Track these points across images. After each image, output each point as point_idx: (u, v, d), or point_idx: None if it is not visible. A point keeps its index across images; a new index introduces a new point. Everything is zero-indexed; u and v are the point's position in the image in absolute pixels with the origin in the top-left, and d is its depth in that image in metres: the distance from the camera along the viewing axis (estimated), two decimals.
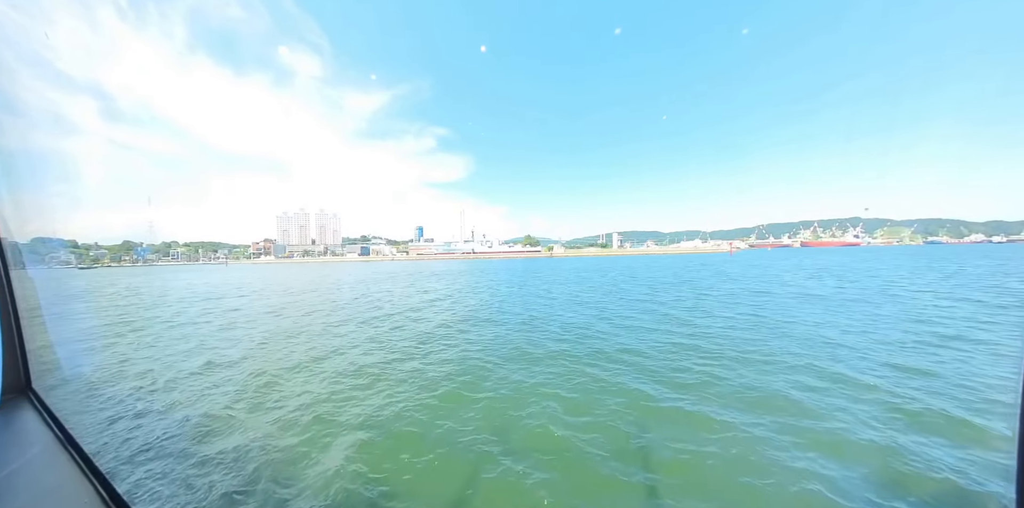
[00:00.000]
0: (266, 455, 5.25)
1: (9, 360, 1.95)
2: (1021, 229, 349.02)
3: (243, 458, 5.19)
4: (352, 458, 5.08)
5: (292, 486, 4.58)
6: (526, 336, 11.70)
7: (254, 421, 6.34)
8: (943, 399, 6.39)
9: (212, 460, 5.16)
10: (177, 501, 4.39)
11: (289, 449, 5.41)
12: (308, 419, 6.28)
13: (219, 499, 4.39)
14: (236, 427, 6.16)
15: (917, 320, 12.25)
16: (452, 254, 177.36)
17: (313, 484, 4.59)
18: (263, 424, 6.20)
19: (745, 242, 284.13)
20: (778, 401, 6.49)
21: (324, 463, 5.03)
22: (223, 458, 5.21)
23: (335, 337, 12.37)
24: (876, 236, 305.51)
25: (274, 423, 6.22)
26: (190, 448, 5.54)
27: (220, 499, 4.39)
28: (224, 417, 6.54)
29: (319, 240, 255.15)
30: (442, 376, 8.14)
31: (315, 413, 6.48)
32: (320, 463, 5.03)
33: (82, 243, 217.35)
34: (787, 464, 4.70)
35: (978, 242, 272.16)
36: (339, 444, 5.46)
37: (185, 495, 4.49)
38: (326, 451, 5.32)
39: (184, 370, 9.19)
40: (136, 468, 5.02)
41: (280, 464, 5.05)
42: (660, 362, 8.72)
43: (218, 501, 4.36)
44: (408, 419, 6.16)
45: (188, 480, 4.76)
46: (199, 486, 4.63)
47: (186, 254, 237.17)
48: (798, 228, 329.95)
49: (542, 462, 4.86)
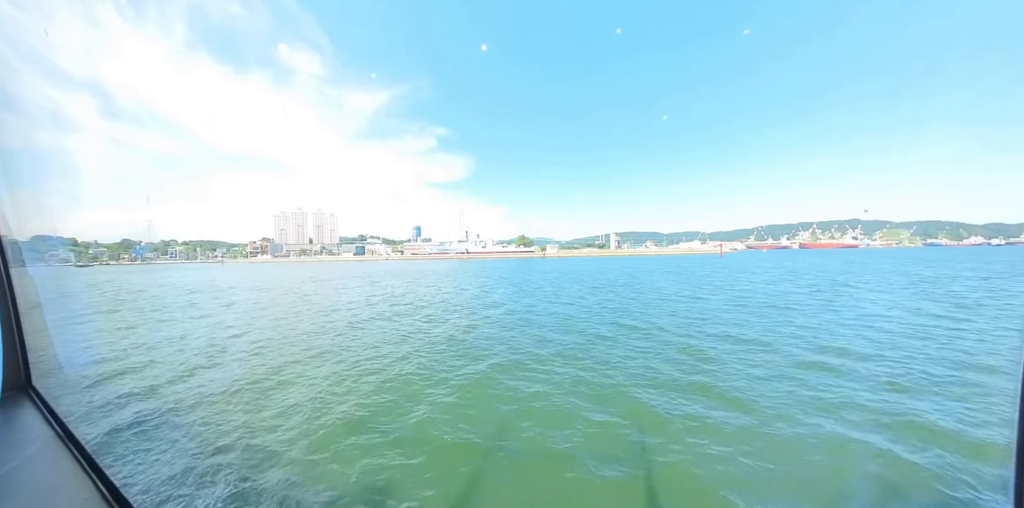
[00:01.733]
0: (265, 452, 5.26)
1: (9, 357, 1.96)
2: (1021, 231, 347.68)
3: (243, 455, 5.21)
4: (351, 460, 5.08)
5: (293, 484, 4.58)
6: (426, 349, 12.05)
7: (253, 418, 6.42)
8: (723, 409, 6.50)
9: (213, 456, 5.19)
10: (177, 497, 4.36)
11: (288, 446, 5.43)
12: (307, 417, 6.38)
13: (220, 495, 4.37)
14: (236, 423, 6.21)
15: (815, 333, 11.63)
16: (446, 254, 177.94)
17: (313, 482, 4.59)
18: (262, 421, 6.30)
19: (744, 243, 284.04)
20: (621, 399, 7.01)
21: (327, 462, 5.03)
22: (224, 454, 5.24)
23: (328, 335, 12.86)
24: (875, 238, 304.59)
25: (272, 420, 6.31)
26: (190, 444, 5.55)
27: (221, 495, 4.37)
28: (223, 413, 6.62)
29: (316, 239, 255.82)
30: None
31: (313, 413, 6.55)
32: (323, 461, 5.04)
33: (81, 241, 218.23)
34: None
35: (977, 244, 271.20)
36: (337, 443, 5.54)
37: (186, 491, 4.48)
38: (323, 449, 5.35)
39: (181, 367, 9.48)
40: (136, 464, 5.04)
41: (280, 462, 5.03)
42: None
43: (219, 497, 4.33)
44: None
45: (188, 475, 4.76)
46: (200, 482, 4.63)
47: (184, 253, 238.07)
48: (797, 229, 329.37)
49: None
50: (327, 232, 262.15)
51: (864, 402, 6.64)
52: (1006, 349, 9.56)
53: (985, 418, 5.97)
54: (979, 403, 6.51)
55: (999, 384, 7.29)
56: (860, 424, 5.86)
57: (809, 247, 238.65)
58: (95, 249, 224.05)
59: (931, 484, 4.51)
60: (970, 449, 5.14)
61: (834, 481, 4.71)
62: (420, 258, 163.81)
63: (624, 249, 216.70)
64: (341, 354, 10.43)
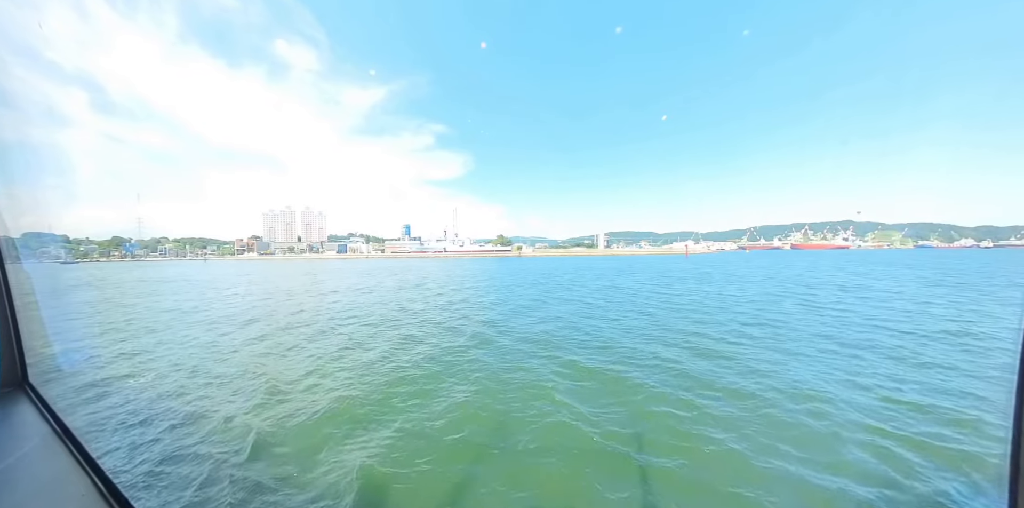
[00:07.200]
0: (265, 450, 5.31)
1: (5, 354, 1.95)
2: (1011, 234, 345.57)
3: (243, 452, 5.24)
4: (343, 462, 5.05)
5: (291, 481, 4.60)
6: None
7: (253, 415, 6.49)
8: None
9: (210, 452, 5.21)
10: (174, 492, 4.34)
11: (286, 444, 5.51)
12: (305, 414, 6.47)
13: (218, 492, 4.34)
14: (234, 420, 6.26)
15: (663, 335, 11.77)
16: (425, 253, 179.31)
17: (312, 479, 4.63)
18: (262, 418, 6.37)
19: (736, 244, 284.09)
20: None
21: (324, 459, 5.09)
22: (221, 450, 5.27)
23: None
24: (867, 239, 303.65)
25: (272, 417, 6.41)
26: (187, 440, 5.57)
27: (219, 492, 4.34)
28: (221, 409, 6.66)
29: (305, 237, 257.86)
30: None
31: (315, 410, 6.64)
32: (320, 459, 5.10)
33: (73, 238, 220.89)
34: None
35: (967, 247, 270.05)
36: (333, 444, 5.58)
37: (182, 486, 4.47)
38: (322, 447, 5.42)
39: (178, 363, 9.70)
40: (132, 460, 5.05)
41: (280, 459, 5.06)
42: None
43: (217, 494, 4.31)
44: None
45: (184, 471, 4.76)
46: (196, 477, 4.62)
47: (174, 250, 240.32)
48: (790, 230, 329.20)
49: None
50: (315, 230, 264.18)
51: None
52: (999, 352, 9.53)
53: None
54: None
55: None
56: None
57: (800, 248, 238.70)
58: (86, 246, 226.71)
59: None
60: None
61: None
62: (400, 257, 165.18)
63: (613, 249, 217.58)
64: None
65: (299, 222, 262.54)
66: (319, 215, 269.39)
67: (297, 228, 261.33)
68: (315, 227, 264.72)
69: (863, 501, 4.25)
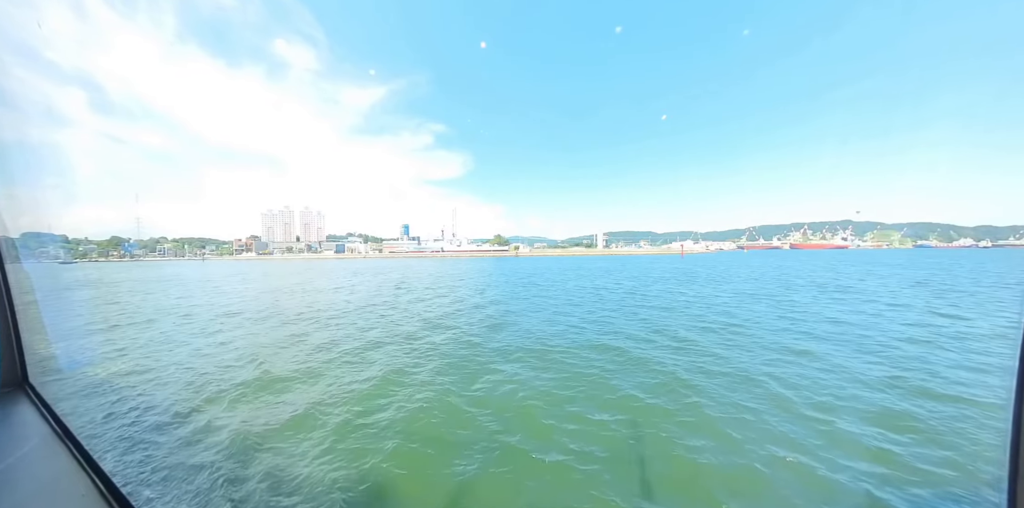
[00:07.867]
0: (264, 448, 5.34)
1: (5, 354, 1.96)
2: (1010, 234, 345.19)
3: (241, 451, 5.27)
4: (344, 463, 5.09)
5: (291, 479, 4.64)
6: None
7: (252, 414, 6.51)
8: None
9: (209, 452, 5.24)
10: (174, 493, 4.36)
11: (285, 442, 5.55)
12: (305, 413, 6.55)
13: (217, 492, 4.35)
14: (233, 418, 6.28)
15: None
16: (422, 252, 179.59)
17: (311, 477, 4.66)
18: (261, 416, 6.40)
19: (735, 243, 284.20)
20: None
21: (323, 456, 5.12)
22: (220, 450, 5.28)
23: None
24: (865, 239, 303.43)
25: (272, 415, 6.46)
26: (187, 439, 5.58)
27: (218, 492, 4.35)
28: (220, 409, 6.69)
29: (304, 237, 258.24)
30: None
31: (313, 409, 6.72)
32: (319, 456, 5.12)
33: (72, 238, 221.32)
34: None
35: (966, 246, 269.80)
36: (331, 443, 5.61)
37: (182, 486, 4.48)
38: (318, 446, 5.44)
39: (178, 363, 9.77)
40: (132, 461, 5.06)
41: (279, 458, 5.09)
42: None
43: (215, 494, 4.32)
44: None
45: (186, 470, 4.78)
46: (196, 478, 4.64)
47: (173, 250, 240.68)
48: (789, 230, 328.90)
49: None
50: (314, 230, 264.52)
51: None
52: (997, 350, 9.55)
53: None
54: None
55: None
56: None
57: (799, 247, 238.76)
58: (85, 246, 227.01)
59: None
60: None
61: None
62: (397, 256, 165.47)
63: (612, 249, 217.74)
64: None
65: (298, 222, 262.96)
66: (318, 215, 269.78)
67: (296, 228, 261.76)
68: (314, 227, 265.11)
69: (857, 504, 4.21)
